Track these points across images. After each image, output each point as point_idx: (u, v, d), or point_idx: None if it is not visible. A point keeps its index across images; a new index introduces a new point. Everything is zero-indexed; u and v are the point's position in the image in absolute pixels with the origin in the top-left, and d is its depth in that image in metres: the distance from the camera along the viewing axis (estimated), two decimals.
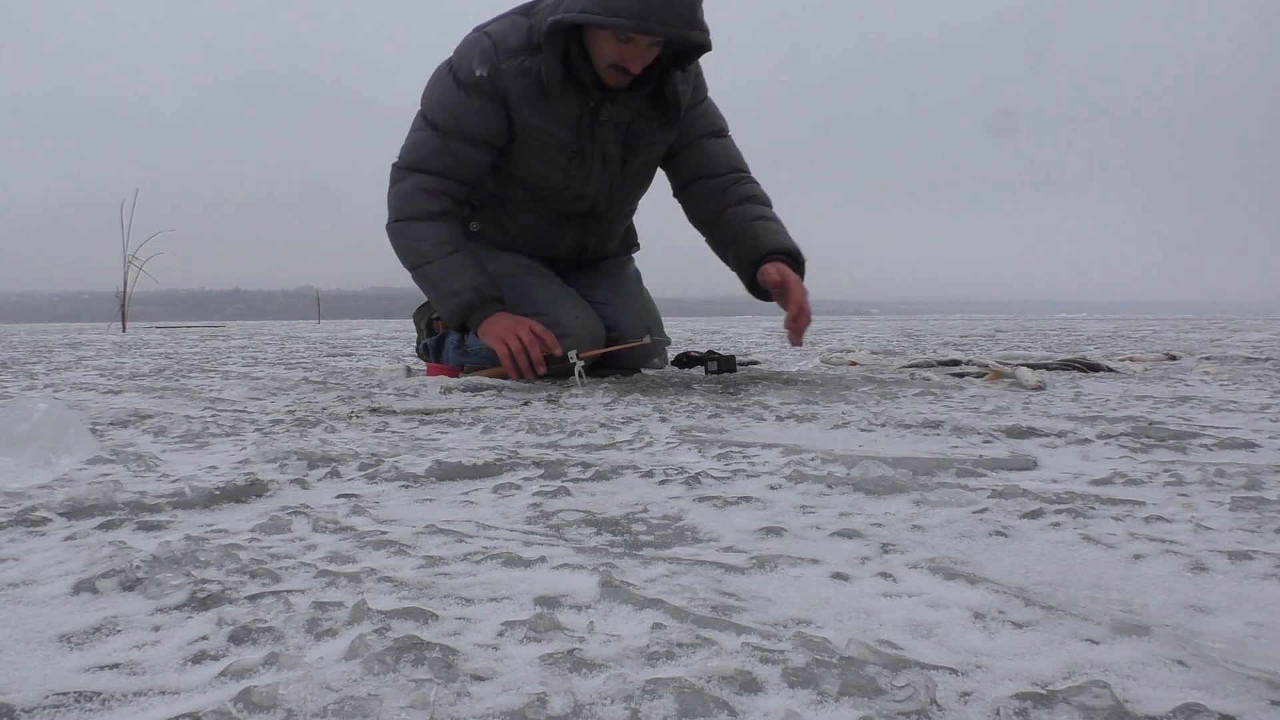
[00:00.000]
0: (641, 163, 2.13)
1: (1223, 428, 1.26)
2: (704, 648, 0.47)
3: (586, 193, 2.11)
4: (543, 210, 2.15)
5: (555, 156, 2.03)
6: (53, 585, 0.58)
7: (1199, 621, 0.51)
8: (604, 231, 2.26)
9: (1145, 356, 2.77)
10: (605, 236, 2.28)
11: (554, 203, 2.13)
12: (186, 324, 10.09)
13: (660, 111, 2.03)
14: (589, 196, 2.12)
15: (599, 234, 2.25)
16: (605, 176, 2.10)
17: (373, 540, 0.69)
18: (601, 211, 2.18)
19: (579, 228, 2.20)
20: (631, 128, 2.05)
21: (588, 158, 2.05)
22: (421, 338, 2.48)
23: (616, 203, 2.19)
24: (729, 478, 0.93)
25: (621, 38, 1.84)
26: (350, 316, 19.39)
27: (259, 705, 0.40)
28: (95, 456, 1.04)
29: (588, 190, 2.11)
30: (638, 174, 2.16)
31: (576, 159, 2.04)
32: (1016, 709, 0.40)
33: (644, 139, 2.08)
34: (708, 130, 2.15)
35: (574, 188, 2.09)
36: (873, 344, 4.12)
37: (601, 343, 2.15)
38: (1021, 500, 0.80)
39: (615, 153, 2.07)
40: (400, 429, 1.31)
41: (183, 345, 4.57)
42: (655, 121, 2.05)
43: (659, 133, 2.08)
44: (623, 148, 2.07)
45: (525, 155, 2.04)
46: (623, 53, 1.86)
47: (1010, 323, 8.66)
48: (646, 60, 1.90)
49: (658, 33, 1.79)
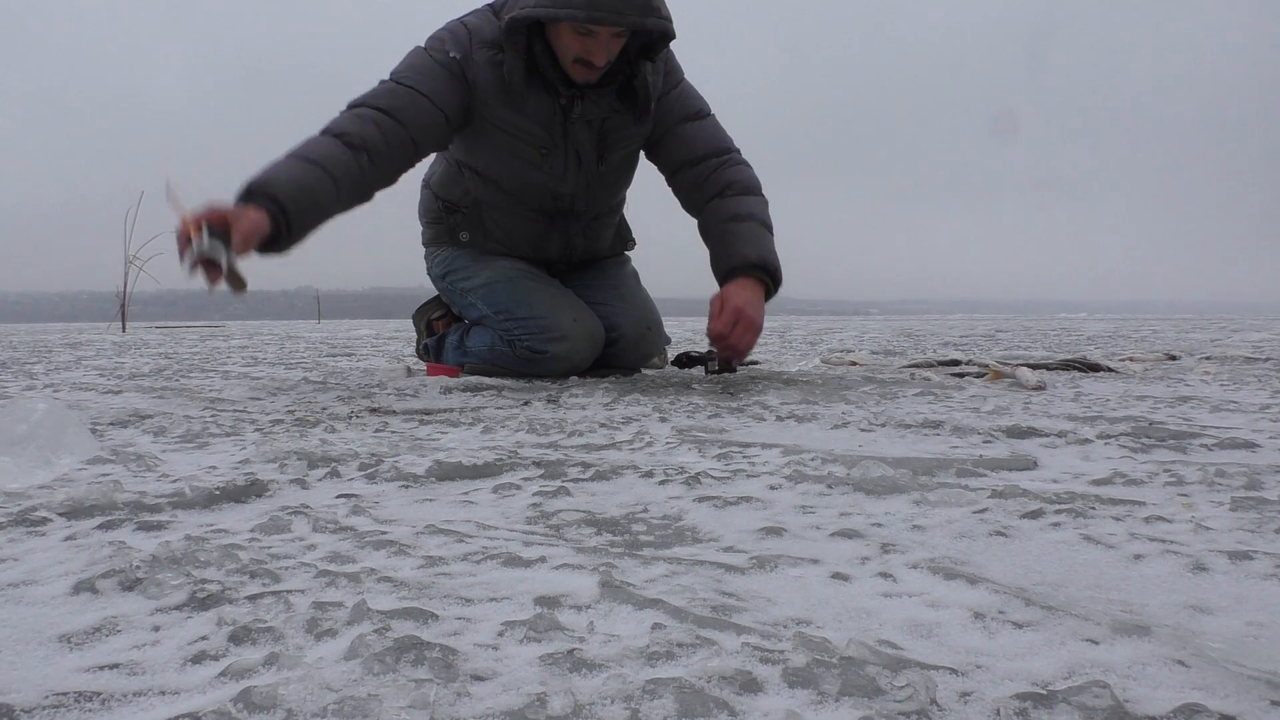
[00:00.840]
0: (618, 158, 2.12)
1: (1223, 428, 1.26)
2: (704, 648, 0.47)
3: (564, 191, 2.10)
4: (525, 212, 2.14)
5: (526, 150, 2.02)
6: (53, 585, 0.58)
7: (1199, 621, 0.51)
8: (591, 231, 2.25)
9: (1145, 356, 2.77)
10: (594, 236, 2.27)
11: (534, 201, 2.12)
12: (186, 324, 10.10)
13: (631, 105, 2.03)
14: (566, 195, 2.11)
15: (586, 234, 2.24)
16: (581, 175, 2.09)
17: (373, 540, 0.69)
18: (581, 210, 2.17)
19: (563, 228, 2.19)
20: (605, 124, 2.05)
21: (561, 154, 2.04)
22: (421, 338, 2.48)
23: (596, 201, 2.17)
24: (729, 478, 0.93)
25: (581, 30, 1.84)
26: (350, 316, 19.40)
27: (259, 705, 0.40)
28: (95, 456, 1.04)
29: (564, 189, 2.10)
30: (615, 170, 2.15)
31: (548, 154, 2.03)
32: (1016, 709, 0.40)
33: (618, 134, 2.07)
34: (685, 115, 2.11)
35: (550, 185, 2.08)
36: (873, 344, 4.12)
37: (601, 344, 2.15)
38: (1021, 500, 0.80)
39: (590, 150, 2.06)
40: (400, 429, 1.31)
41: (183, 345, 4.57)
42: (628, 116, 2.05)
43: (633, 127, 2.08)
44: (597, 145, 2.07)
45: (497, 150, 2.03)
46: (585, 46, 1.86)
47: (1010, 323, 8.66)
48: (611, 53, 1.89)
49: (612, 21, 1.78)
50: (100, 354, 3.65)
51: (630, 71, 1.98)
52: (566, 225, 2.19)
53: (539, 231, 2.18)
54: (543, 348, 2.06)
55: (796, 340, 4.56)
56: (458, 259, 2.23)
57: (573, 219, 2.18)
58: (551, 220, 2.17)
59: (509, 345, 2.11)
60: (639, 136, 2.11)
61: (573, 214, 2.17)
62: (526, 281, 2.13)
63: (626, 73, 1.98)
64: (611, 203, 2.25)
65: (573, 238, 2.22)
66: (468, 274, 2.20)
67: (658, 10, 1.84)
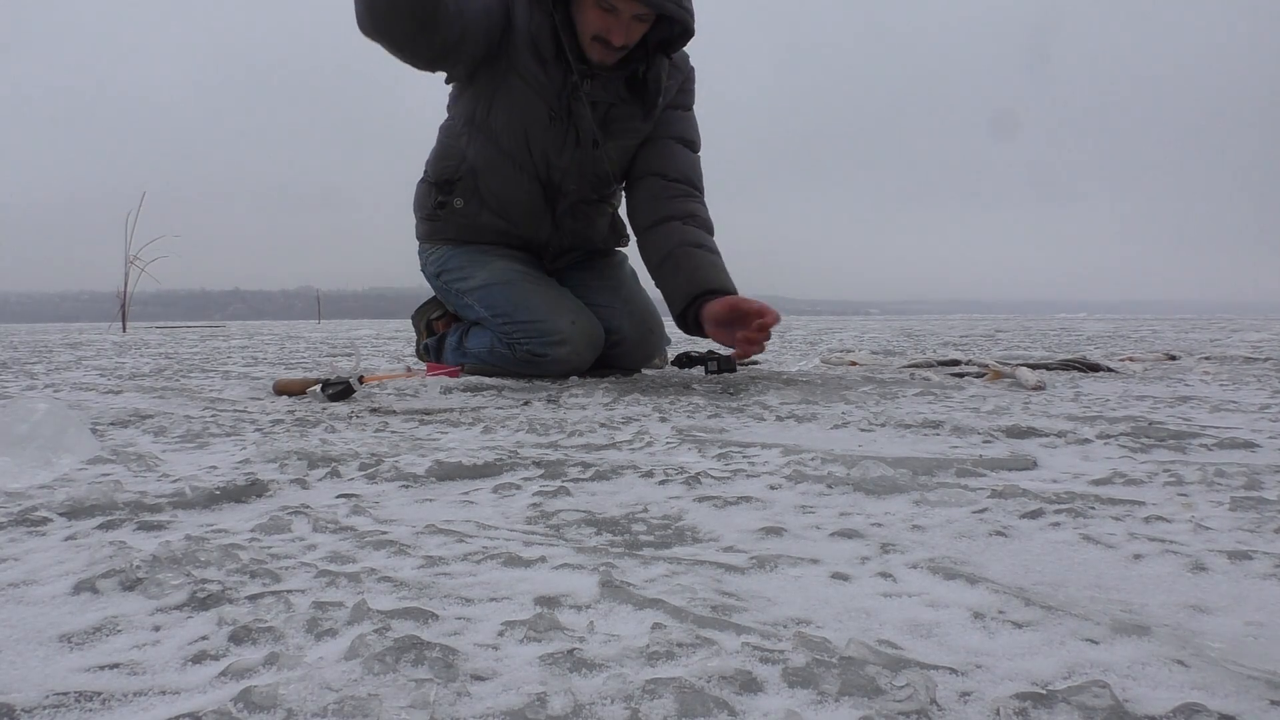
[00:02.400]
0: (615, 147, 2.14)
1: (1222, 428, 1.26)
2: (704, 648, 0.47)
3: (558, 164, 2.12)
4: (521, 179, 2.14)
5: (538, 107, 2.05)
6: (53, 585, 0.59)
7: (1199, 621, 0.51)
8: (581, 213, 2.25)
9: (1145, 356, 2.77)
10: (584, 220, 2.27)
11: (530, 167, 2.13)
12: (187, 324, 10.09)
13: (640, 98, 2.06)
14: (559, 168, 2.13)
15: (575, 214, 2.24)
16: (577, 152, 2.12)
17: (373, 540, 0.69)
18: (570, 189, 2.18)
19: (553, 201, 2.19)
20: (611, 110, 2.08)
21: (562, 127, 2.08)
22: (421, 339, 2.48)
23: (585, 183, 2.18)
24: (729, 478, 0.93)
25: (605, 5, 1.87)
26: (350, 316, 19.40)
27: (259, 705, 0.40)
28: (95, 456, 1.04)
29: (559, 161, 2.12)
30: (609, 159, 2.16)
31: (554, 121, 2.07)
32: (1016, 709, 0.40)
33: (621, 124, 2.11)
34: (680, 136, 2.18)
35: (549, 153, 2.10)
36: (873, 344, 4.12)
37: (600, 345, 2.15)
38: (1021, 500, 0.80)
39: (589, 131, 2.09)
40: (400, 429, 1.31)
41: (183, 345, 4.57)
42: (635, 108, 2.09)
43: (638, 120, 2.11)
44: (600, 129, 2.09)
45: (511, 100, 2.05)
46: (606, 23, 1.90)
47: (1010, 323, 8.65)
48: (630, 36, 1.93)
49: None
50: (101, 354, 3.65)
51: (645, 65, 2.02)
52: (556, 201, 2.20)
53: (533, 203, 2.18)
54: (543, 351, 2.06)
55: (796, 340, 4.56)
56: (452, 258, 2.22)
57: (561, 197, 2.19)
58: (544, 190, 2.18)
59: (508, 348, 2.11)
60: (640, 132, 2.14)
61: (561, 192, 2.18)
62: (524, 284, 2.12)
63: (641, 66, 2.02)
64: (603, 191, 2.25)
65: (562, 215, 2.22)
66: (463, 274, 2.19)
67: (680, 1, 1.88)
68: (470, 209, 2.19)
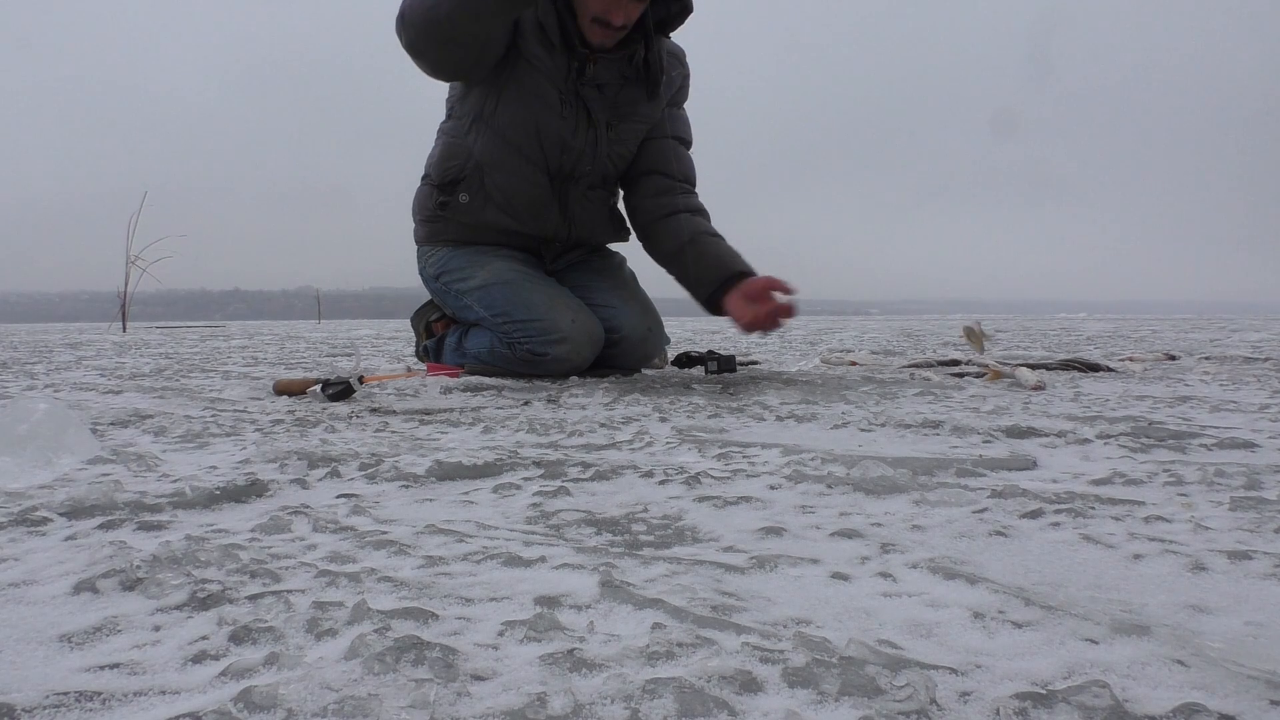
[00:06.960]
0: (626, 130, 2.18)
1: (1222, 428, 1.26)
2: (704, 648, 0.47)
3: (574, 145, 2.14)
4: (529, 173, 2.15)
5: (549, 93, 2.07)
6: (53, 585, 0.59)
7: (1199, 621, 0.51)
8: (589, 202, 2.26)
9: (1145, 356, 2.77)
10: (591, 210, 2.27)
11: (540, 159, 2.14)
12: (187, 324, 10.10)
13: (644, 81, 2.11)
14: (575, 149, 2.15)
15: (583, 203, 2.25)
16: (591, 132, 2.14)
17: (373, 540, 0.69)
18: (584, 171, 2.19)
19: (563, 192, 2.21)
20: (620, 94, 2.12)
21: (573, 109, 2.10)
22: (421, 340, 2.48)
23: (599, 164, 2.20)
24: (729, 478, 0.93)
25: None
26: (350, 316, 19.41)
27: (259, 705, 0.40)
28: (95, 456, 1.04)
29: (575, 143, 2.14)
30: (622, 140, 2.19)
31: (565, 104, 2.09)
32: (1016, 709, 0.40)
33: (629, 107, 2.15)
34: (680, 135, 2.25)
35: (564, 135, 2.12)
36: (873, 344, 4.12)
37: (600, 344, 2.15)
38: (1021, 500, 0.80)
39: (601, 112, 2.12)
40: (400, 429, 1.31)
41: (183, 345, 4.57)
42: (640, 91, 2.13)
43: (645, 103, 2.15)
44: (610, 111, 2.13)
45: (521, 90, 2.07)
46: (605, 4, 1.93)
47: (1010, 323, 8.65)
48: (629, 15, 1.96)
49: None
50: (101, 354, 3.65)
51: (645, 47, 2.06)
52: (566, 190, 2.21)
53: (539, 197, 2.19)
54: (543, 350, 2.05)
55: (796, 340, 4.56)
56: (452, 259, 2.22)
57: (572, 184, 2.20)
58: (552, 182, 2.19)
59: (508, 347, 2.11)
60: (649, 117, 2.19)
61: (574, 178, 2.19)
62: (524, 283, 2.12)
63: (640, 48, 2.06)
64: (614, 174, 2.27)
65: (571, 205, 2.23)
66: (463, 275, 2.19)
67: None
68: (475, 204, 2.19)
